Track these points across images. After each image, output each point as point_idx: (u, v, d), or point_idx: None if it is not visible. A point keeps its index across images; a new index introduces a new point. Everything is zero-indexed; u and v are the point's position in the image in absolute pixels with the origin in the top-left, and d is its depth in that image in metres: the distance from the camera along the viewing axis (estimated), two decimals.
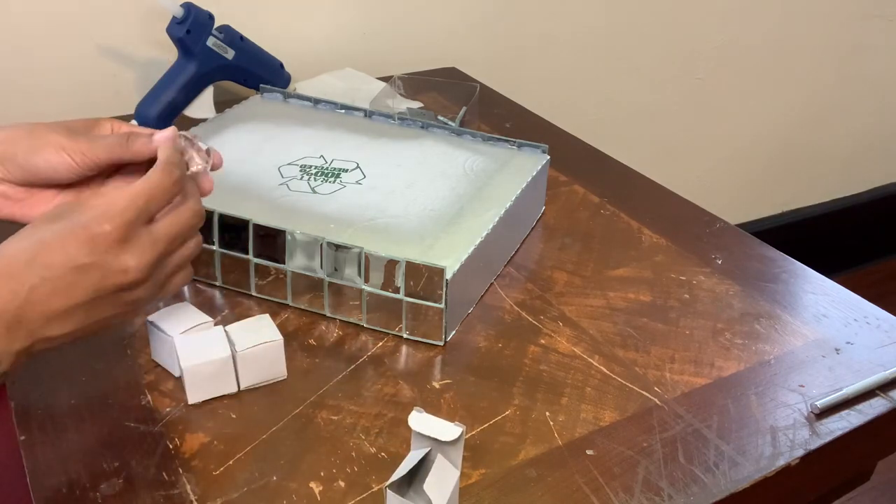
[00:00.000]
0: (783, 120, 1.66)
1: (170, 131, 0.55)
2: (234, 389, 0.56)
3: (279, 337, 0.56)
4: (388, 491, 0.45)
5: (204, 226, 0.64)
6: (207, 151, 0.56)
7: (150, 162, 0.53)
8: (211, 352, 0.55)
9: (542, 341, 0.63)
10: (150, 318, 0.58)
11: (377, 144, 0.79)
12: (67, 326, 0.46)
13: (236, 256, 0.66)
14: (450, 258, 0.61)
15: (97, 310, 0.47)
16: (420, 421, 0.46)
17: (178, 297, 0.65)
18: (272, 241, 0.64)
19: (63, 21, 0.96)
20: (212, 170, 0.56)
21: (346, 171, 0.74)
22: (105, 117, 0.58)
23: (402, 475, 0.45)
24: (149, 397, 0.56)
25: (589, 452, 0.53)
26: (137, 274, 0.47)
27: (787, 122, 1.67)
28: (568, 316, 0.66)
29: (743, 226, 1.69)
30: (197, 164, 0.55)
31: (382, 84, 1.03)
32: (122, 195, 0.47)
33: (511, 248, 0.74)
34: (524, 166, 0.76)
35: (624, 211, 0.82)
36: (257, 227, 0.64)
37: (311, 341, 0.62)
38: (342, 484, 0.50)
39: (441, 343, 0.62)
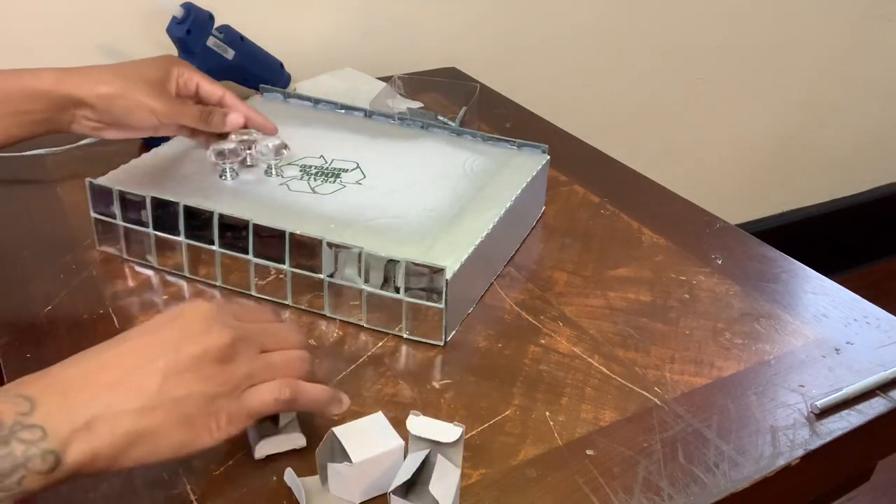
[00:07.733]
0: (783, 120, 1.66)
1: (239, 118, 0.71)
2: None
3: None
4: (392, 496, 0.45)
5: (204, 226, 0.65)
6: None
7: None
8: None
9: (542, 341, 0.63)
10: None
11: (377, 144, 0.79)
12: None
13: (236, 256, 0.66)
14: (450, 258, 0.61)
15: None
16: (419, 425, 0.46)
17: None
18: (272, 241, 0.64)
19: (63, 21, 0.96)
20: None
21: (346, 171, 0.74)
22: (173, 65, 0.70)
23: (405, 479, 0.45)
24: None
25: (589, 452, 0.53)
26: (225, 338, 0.44)
27: (787, 122, 1.67)
28: (568, 316, 0.66)
29: (743, 226, 1.68)
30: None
31: (382, 84, 1.03)
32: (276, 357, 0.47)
33: (511, 248, 0.74)
34: (524, 166, 0.76)
35: (624, 211, 0.82)
36: (257, 227, 0.64)
37: (311, 341, 0.62)
38: None
39: (441, 343, 0.62)
